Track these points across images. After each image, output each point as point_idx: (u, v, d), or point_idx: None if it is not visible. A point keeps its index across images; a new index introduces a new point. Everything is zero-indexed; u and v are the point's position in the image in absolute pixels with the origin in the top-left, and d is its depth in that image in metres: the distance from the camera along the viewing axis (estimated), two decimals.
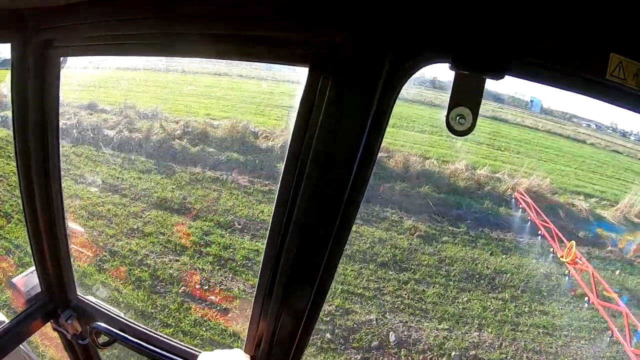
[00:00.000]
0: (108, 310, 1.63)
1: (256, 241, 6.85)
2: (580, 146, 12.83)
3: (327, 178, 0.89)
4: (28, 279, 1.72)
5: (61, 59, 1.23)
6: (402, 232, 7.40)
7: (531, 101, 14.04)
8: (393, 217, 7.70)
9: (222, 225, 7.12)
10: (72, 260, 1.62)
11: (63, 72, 1.25)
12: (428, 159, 9.58)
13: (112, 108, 11.27)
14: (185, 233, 6.84)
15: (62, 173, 1.41)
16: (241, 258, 6.40)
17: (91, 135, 9.74)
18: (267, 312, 1.08)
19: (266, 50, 0.91)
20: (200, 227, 6.98)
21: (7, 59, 1.21)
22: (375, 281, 6.29)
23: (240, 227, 7.03)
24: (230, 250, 6.60)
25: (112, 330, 1.51)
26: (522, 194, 8.79)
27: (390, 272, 6.50)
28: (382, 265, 6.61)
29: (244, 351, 1.20)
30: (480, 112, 0.76)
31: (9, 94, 1.25)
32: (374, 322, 5.65)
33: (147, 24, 0.98)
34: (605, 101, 0.77)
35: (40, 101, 1.26)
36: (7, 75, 1.24)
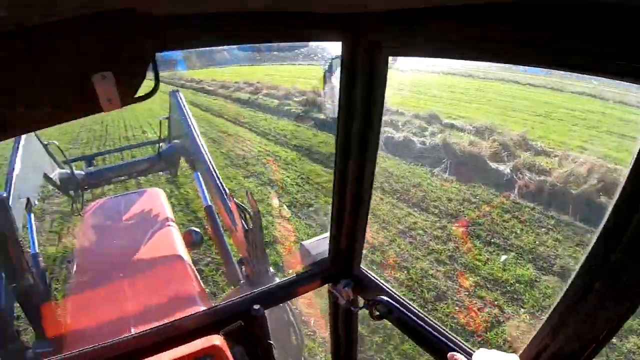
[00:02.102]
0: (387, 287, 1.82)
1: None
2: None
3: None
4: (317, 244, 2.11)
5: (390, 58, 1.40)
6: None
7: None
8: None
9: None
10: (365, 235, 1.88)
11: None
12: None
13: (464, 124, 11.07)
14: None
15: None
16: None
17: (473, 168, 8.93)
18: (560, 325, 1.04)
19: None
20: None
21: (339, 55, 1.46)
22: None
23: None
24: None
25: (395, 306, 1.70)
26: None
27: None
28: None
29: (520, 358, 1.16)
30: None
31: (336, 89, 1.55)
32: None
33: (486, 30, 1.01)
34: None
35: (366, 96, 1.48)
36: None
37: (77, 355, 1.68)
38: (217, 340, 1.79)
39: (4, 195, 2.66)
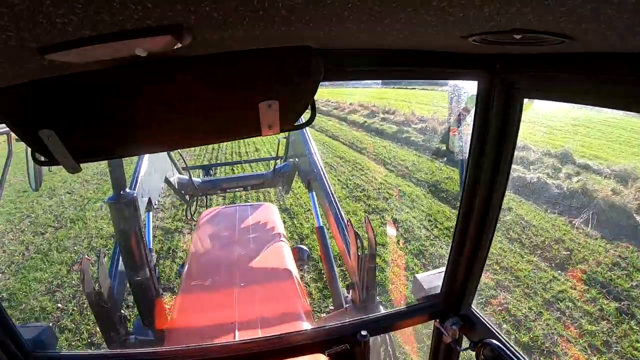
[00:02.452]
0: (496, 331, 1.80)
1: None
2: None
3: None
4: (430, 279, 2.17)
5: (523, 100, 1.46)
6: None
7: None
8: None
9: None
10: (481, 275, 1.89)
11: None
12: None
13: (600, 166, 9.83)
14: None
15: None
16: None
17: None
18: None
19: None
20: None
21: (473, 94, 1.56)
22: None
23: None
24: None
25: (504, 351, 1.70)
26: None
27: None
28: None
29: None
30: None
31: (469, 125, 1.70)
32: None
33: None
34: None
35: (498, 136, 1.55)
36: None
37: (180, 350, 1.91)
38: (322, 359, 1.93)
39: (135, 194, 2.98)
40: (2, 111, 1.04)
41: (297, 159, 5.51)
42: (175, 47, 0.74)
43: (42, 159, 1.16)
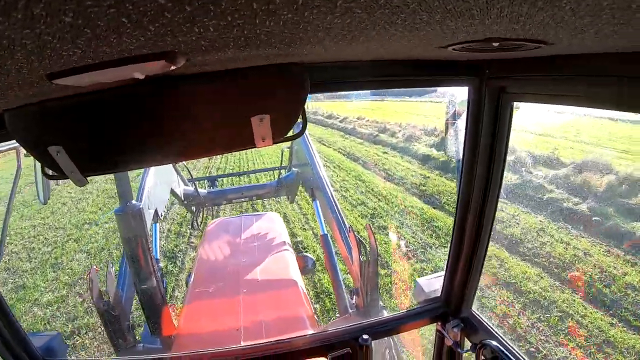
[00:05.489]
0: (496, 332, 1.83)
1: None
2: None
3: None
4: (431, 282, 2.20)
5: (513, 103, 1.50)
6: None
7: None
8: None
9: None
10: (480, 277, 1.92)
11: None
12: None
13: None
14: None
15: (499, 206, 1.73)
16: None
17: None
18: None
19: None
20: None
21: (464, 99, 1.60)
22: None
23: None
24: None
25: (502, 352, 1.73)
26: None
27: None
28: None
29: None
30: None
31: (461, 129, 1.71)
32: None
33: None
34: None
35: (490, 141, 1.59)
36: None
37: (187, 356, 1.97)
38: None
39: (141, 206, 3.05)
40: (14, 130, 1.08)
41: (301, 169, 5.55)
42: (170, 69, 0.78)
43: (52, 173, 1.20)
